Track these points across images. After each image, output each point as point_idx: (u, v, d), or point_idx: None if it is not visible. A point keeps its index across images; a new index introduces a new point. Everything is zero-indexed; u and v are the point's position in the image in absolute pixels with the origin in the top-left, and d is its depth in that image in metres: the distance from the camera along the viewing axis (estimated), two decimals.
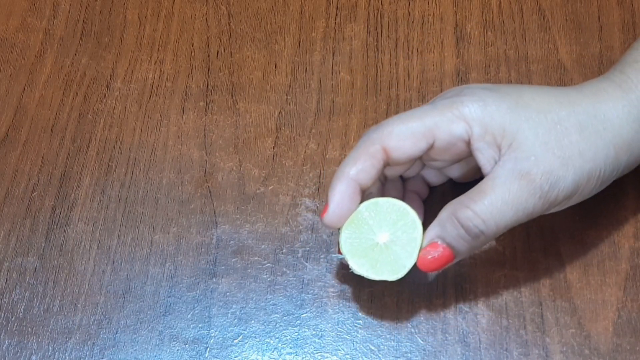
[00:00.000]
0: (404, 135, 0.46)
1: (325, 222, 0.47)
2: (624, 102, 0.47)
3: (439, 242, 0.46)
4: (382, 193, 0.50)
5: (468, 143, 0.47)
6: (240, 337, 0.49)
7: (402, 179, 0.52)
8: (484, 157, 0.46)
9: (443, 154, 0.48)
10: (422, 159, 0.49)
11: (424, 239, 0.47)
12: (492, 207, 0.45)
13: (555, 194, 0.45)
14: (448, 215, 0.46)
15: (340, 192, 0.47)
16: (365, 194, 0.48)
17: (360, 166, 0.47)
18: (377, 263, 0.47)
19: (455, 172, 0.52)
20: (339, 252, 0.48)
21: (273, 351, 0.49)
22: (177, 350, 0.49)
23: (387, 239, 0.47)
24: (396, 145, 0.47)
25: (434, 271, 0.48)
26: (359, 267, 0.47)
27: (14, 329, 0.50)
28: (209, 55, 0.61)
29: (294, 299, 0.50)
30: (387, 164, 0.47)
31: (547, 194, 0.45)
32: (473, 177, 0.51)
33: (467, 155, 0.48)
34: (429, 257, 0.46)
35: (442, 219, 0.46)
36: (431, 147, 0.47)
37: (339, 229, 0.47)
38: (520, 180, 0.45)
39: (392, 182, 0.51)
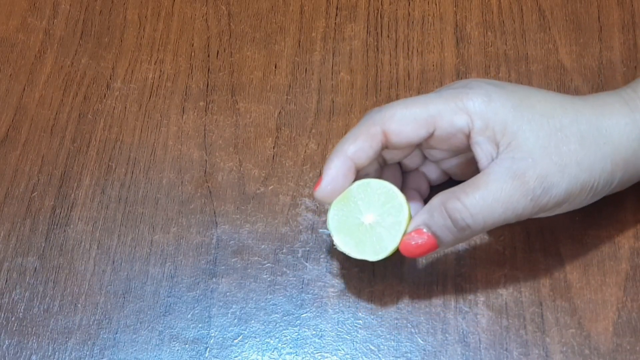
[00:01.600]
0: (406, 120, 0.47)
1: (317, 195, 0.48)
2: (627, 120, 0.47)
3: (425, 230, 0.46)
4: (380, 177, 0.50)
5: (468, 136, 0.47)
6: (240, 337, 0.49)
7: (403, 172, 0.52)
8: (481, 152, 0.46)
9: (442, 144, 0.48)
10: (420, 147, 0.49)
11: (410, 224, 0.47)
12: (482, 202, 0.45)
13: (546, 199, 0.45)
14: (438, 204, 0.46)
15: (336, 167, 0.47)
16: (360, 174, 0.48)
17: (358, 145, 0.47)
18: (361, 242, 0.47)
19: (453, 167, 0.52)
20: (327, 228, 0.48)
21: (273, 351, 0.49)
22: (177, 350, 0.49)
23: (372, 220, 0.47)
24: (397, 129, 0.47)
25: (415, 257, 0.48)
26: (343, 244, 0.47)
27: (14, 329, 0.50)
28: (209, 55, 0.61)
29: (294, 299, 0.50)
30: (385, 146, 0.48)
31: (539, 197, 0.45)
32: (472, 176, 0.52)
33: (466, 149, 0.48)
34: (413, 242, 0.47)
35: (431, 207, 0.47)
36: (431, 135, 0.47)
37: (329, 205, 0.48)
38: (514, 180, 0.45)
39: (392, 173, 0.51)
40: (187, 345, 0.49)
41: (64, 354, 0.49)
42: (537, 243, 0.51)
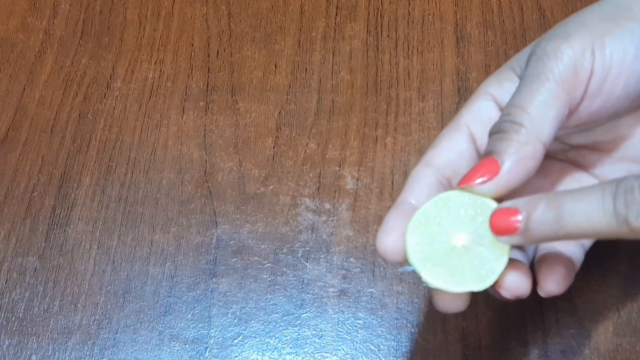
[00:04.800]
0: (439, 143, 0.43)
1: (378, 247, 0.40)
2: None
3: (485, 157, 0.39)
4: None
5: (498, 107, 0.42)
6: (240, 337, 0.49)
7: None
8: None
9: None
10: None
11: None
12: (512, 99, 0.39)
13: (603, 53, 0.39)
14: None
15: (390, 214, 0.40)
16: None
17: (410, 189, 0.42)
18: (457, 270, 0.38)
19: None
20: (407, 264, 0.39)
21: (273, 351, 0.49)
22: (177, 350, 0.49)
23: (466, 240, 0.38)
24: (434, 154, 0.43)
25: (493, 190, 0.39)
26: (434, 278, 0.38)
27: (14, 329, 0.50)
28: (209, 55, 0.61)
29: (294, 299, 0.50)
30: (448, 180, 0.42)
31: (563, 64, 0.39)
32: None
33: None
34: (476, 178, 0.39)
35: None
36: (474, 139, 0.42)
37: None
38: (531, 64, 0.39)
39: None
40: (187, 345, 0.49)
41: (64, 354, 0.49)
42: None
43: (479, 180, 0.38)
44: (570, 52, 0.39)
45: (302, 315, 0.50)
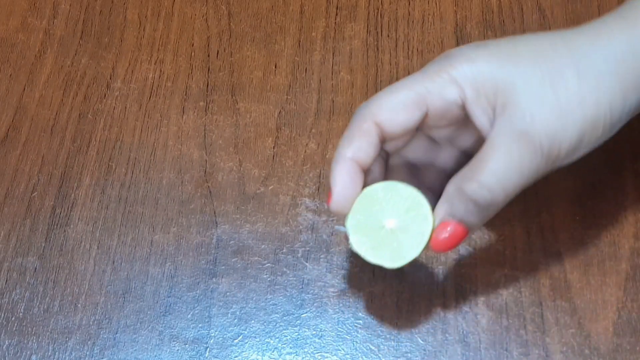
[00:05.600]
0: (395, 107, 0.45)
1: (332, 208, 0.45)
2: (627, 35, 0.43)
3: (450, 220, 0.44)
4: (385, 172, 0.48)
5: (463, 107, 0.45)
6: (240, 337, 0.49)
7: (418, 172, 0.50)
8: (481, 121, 0.44)
9: (441, 121, 0.46)
10: (425, 131, 0.47)
11: (435, 218, 0.45)
12: (496, 174, 0.43)
13: (557, 150, 0.43)
14: (455, 191, 0.44)
15: (342, 175, 0.45)
16: (368, 178, 0.46)
17: (356, 145, 0.45)
18: (379, 246, 0.45)
19: (467, 141, 0.49)
20: (344, 225, 0.46)
21: (273, 351, 0.49)
22: (177, 350, 0.49)
23: (394, 225, 0.45)
24: (388, 118, 0.45)
25: (449, 250, 0.45)
26: (358, 244, 0.45)
27: (14, 329, 0.50)
28: (209, 55, 0.61)
29: (294, 299, 0.50)
30: (383, 139, 0.46)
31: (549, 151, 0.43)
32: None
33: (466, 120, 0.46)
34: (442, 236, 0.45)
35: (449, 195, 0.44)
36: (426, 115, 0.45)
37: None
38: (519, 141, 0.43)
39: (400, 174, 0.49)
40: (187, 345, 0.49)
41: (64, 354, 0.49)
42: (537, 243, 0.51)
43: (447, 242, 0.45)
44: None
45: (302, 315, 0.50)
